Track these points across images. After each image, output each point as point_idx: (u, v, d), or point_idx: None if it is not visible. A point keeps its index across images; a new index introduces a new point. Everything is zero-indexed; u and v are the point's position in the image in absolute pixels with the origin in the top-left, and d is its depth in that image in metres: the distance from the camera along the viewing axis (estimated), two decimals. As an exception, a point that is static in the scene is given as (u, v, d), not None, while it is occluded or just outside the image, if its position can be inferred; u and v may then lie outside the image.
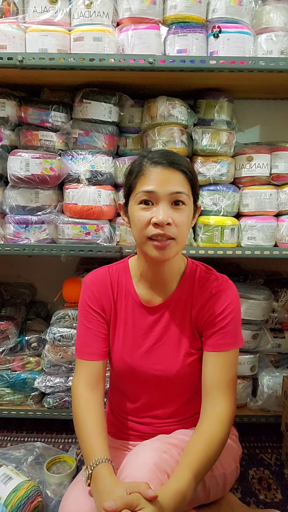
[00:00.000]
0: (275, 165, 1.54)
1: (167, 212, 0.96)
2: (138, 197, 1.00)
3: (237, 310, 1.08)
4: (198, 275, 1.10)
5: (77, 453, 1.56)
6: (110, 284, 1.13)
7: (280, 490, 1.41)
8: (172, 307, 1.10)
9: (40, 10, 1.39)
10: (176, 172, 0.98)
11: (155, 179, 0.97)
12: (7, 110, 1.50)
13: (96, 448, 0.96)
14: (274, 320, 1.73)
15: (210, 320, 1.06)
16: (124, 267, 1.15)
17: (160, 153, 1.01)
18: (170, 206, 0.98)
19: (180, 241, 1.01)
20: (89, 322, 1.12)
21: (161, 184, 0.97)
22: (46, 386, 1.62)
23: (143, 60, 1.33)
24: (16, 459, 1.45)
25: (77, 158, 1.49)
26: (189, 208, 1.02)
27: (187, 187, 1.00)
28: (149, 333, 1.10)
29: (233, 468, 1.12)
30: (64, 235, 1.50)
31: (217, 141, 1.51)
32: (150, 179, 0.98)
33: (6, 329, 1.62)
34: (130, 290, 1.12)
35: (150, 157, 1.00)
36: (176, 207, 0.98)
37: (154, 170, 0.98)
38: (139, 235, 1.00)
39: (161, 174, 0.97)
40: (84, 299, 1.14)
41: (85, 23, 1.39)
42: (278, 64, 1.35)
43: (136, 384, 1.13)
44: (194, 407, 1.14)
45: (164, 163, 0.98)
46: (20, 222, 1.48)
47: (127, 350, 1.11)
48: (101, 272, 1.15)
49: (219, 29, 1.38)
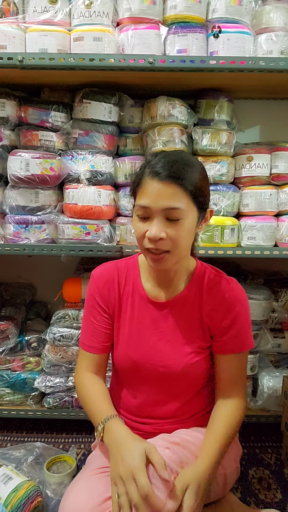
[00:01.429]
0: (275, 165, 1.54)
1: (160, 228, 0.95)
2: (136, 208, 1.00)
3: (248, 313, 1.11)
4: (208, 277, 1.11)
5: (77, 453, 1.56)
6: (117, 279, 1.14)
7: (280, 490, 1.41)
8: (179, 306, 1.11)
9: (40, 10, 1.39)
10: (172, 185, 0.94)
11: (150, 193, 0.96)
12: (7, 110, 1.50)
13: (105, 409, 1.04)
14: (274, 320, 1.73)
15: (222, 324, 1.08)
16: (133, 263, 1.17)
17: (162, 162, 0.97)
18: (165, 220, 0.96)
19: (177, 253, 1.00)
20: (93, 316, 1.14)
21: (156, 199, 0.95)
22: (46, 386, 1.62)
23: (143, 60, 1.33)
24: (16, 459, 1.45)
25: (77, 158, 1.49)
26: (189, 220, 0.98)
27: (185, 200, 0.96)
28: (155, 329, 1.11)
29: (233, 468, 1.12)
30: (64, 235, 1.50)
31: (217, 141, 1.51)
32: (146, 193, 0.96)
33: (6, 329, 1.62)
34: (138, 286, 1.13)
35: (152, 166, 0.97)
36: (172, 222, 0.96)
37: (151, 183, 0.96)
38: (139, 244, 1.02)
39: (157, 188, 0.95)
40: (90, 293, 1.16)
41: (85, 23, 1.39)
42: (278, 64, 1.35)
43: (139, 381, 1.13)
44: (195, 407, 1.15)
45: (161, 176, 0.95)
46: (20, 222, 1.48)
47: (132, 345, 1.11)
48: (108, 267, 1.16)
49: (219, 29, 1.38)
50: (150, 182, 0.96)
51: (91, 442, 1.64)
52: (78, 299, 1.67)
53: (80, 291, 1.65)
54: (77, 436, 1.69)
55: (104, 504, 0.93)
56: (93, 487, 0.98)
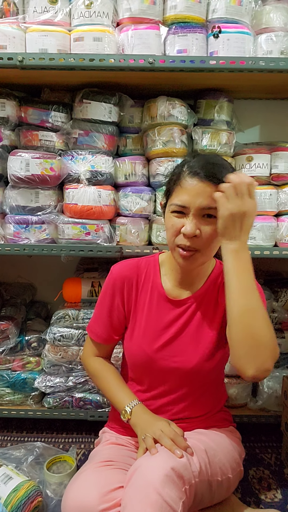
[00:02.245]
0: (275, 165, 1.55)
1: (196, 225, 0.99)
2: (172, 205, 1.03)
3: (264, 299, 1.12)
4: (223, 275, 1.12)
5: (77, 452, 1.56)
6: (136, 276, 1.16)
7: (280, 490, 1.41)
8: (197, 304, 1.13)
9: (40, 10, 1.39)
10: (211, 185, 0.98)
11: (189, 191, 0.99)
12: (7, 110, 1.50)
13: (127, 393, 1.13)
14: (274, 320, 1.73)
15: None
16: (154, 262, 1.19)
17: (202, 162, 1.01)
18: (201, 218, 1.00)
19: (207, 253, 1.04)
20: (106, 308, 1.18)
21: (194, 197, 0.98)
22: (46, 386, 1.62)
23: (143, 60, 1.34)
24: (16, 459, 1.44)
25: (77, 158, 1.49)
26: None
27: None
28: (171, 326, 1.13)
29: (237, 471, 1.13)
30: (64, 235, 1.50)
31: (217, 141, 1.51)
32: (184, 191, 1.00)
33: (6, 329, 1.62)
34: (157, 284, 1.15)
35: (191, 166, 1.01)
36: (208, 219, 1.00)
37: (190, 182, 0.99)
38: (170, 240, 1.05)
39: (196, 187, 0.99)
40: (107, 286, 1.18)
41: (85, 23, 1.39)
42: (278, 64, 1.35)
43: (151, 375, 1.14)
44: (204, 407, 1.15)
45: (200, 175, 0.99)
46: (20, 222, 1.48)
47: (147, 339, 1.13)
48: (129, 263, 1.19)
49: (219, 29, 1.38)
50: (189, 181, 0.99)
51: (91, 442, 1.64)
52: (78, 299, 1.67)
53: (80, 291, 1.65)
54: (77, 436, 1.69)
55: (109, 495, 0.93)
56: (98, 478, 0.98)
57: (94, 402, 1.62)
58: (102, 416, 1.61)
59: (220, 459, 1.05)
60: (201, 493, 1.00)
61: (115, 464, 1.04)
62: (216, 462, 1.03)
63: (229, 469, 1.08)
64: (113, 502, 0.92)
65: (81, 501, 0.93)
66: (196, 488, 0.96)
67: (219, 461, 1.05)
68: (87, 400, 1.62)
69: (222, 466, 1.05)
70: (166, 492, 0.86)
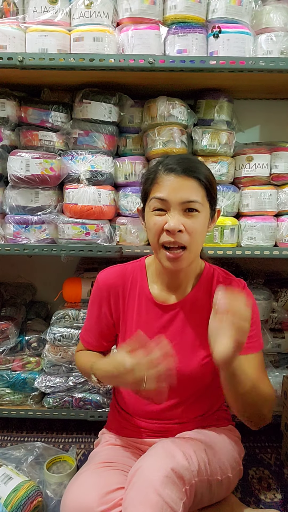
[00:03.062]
0: (275, 165, 1.55)
1: (179, 219, 0.97)
2: (152, 203, 1.01)
3: (257, 315, 1.10)
4: (217, 279, 1.11)
5: (77, 453, 1.56)
6: (122, 283, 1.14)
7: (280, 490, 1.41)
8: (188, 308, 1.10)
9: (40, 10, 1.39)
10: (189, 179, 0.98)
11: (167, 186, 0.98)
12: (7, 110, 1.50)
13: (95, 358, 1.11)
14: (274, 320, 1.73)
15: None
16: (140, 266, 1.17)
17: (176, 159, 1.01)
18: (183, 213, 0.99)
19: (193, 249, 1.01)
20: (96, 316, 1.16)
21: (173, 191, 0.97)
22: (46, 386, 1.62)
23: (143, 60, 1.34)
24: (16, 459, 1.44)
25: (77, 158, 1.49)
26: (204, 214, 1.01)
27: (201, 194, 1.00)
28: (163, 332, 1.10)
29: (237, 470, 1.12)
30: (64, 235, 1.50)
31: (217, 141, 1.51)
32: (163, 186, 0.99)
33: (6, 329, 1.62)
34: (145, 290, 1.13)
35: (165, 164, 1.00)
36: (190, 214, 0.99)
37: (167, 178, 0.99)
38: (153, 241, 1.03)
39: (174, 181, 0.98)
40: (95, 294, 1.17)
41: (85, 23, 1.39)
42: (278, 64, 1.35)
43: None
44: (202, 408, 1.15)
45: (177, 170, 0.98)
46: (20, 222, 1.48)
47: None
48: (115, 270, 1.17)
49: (219, 29, 1.38)
50: (166, 177, 0.98)
51: (91, 442, 1.64)
52: (78, 299, 1.67)
53: (80, 291, 1.65)
54: (77, 436, 1.69)
55: (108, 496, 0.93)
56: (97, 479, 0.98)
57: (94, 402, 1.62)
58: (102, 416, 1.61)
59: (219, 458, 1.05)
60: (200, 492, 1.00)
61: (114, 465, 1.04)
62: (215, 461, 1.03)
63: (229, 468, 1.08)
64: (112, 503, 0.92)
65: (80, 502, 0.94)
66: (196, 487, 0.96)
67: (219, 460, 1.05)
68: (87, 400, 1.62)
69: (222, 465, 1.05)
70: (166, 493, 0.87)
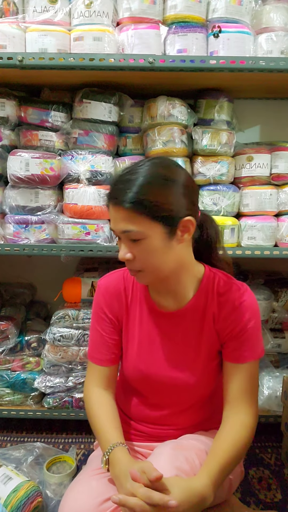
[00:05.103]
0: (275, 165, 1.54)
1: (125, 250, 0.95)
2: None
3: (259, 320, 1.06)
4: (217, 283, 1.07)
5: (77, 453, 1.56)
6: (124, 289, 1.11)
7: (280, 490, 1.41)
8: (190, 315, 1.07)
9: (40, 10, 1.39)
10: (121, 209, 0.91)
11: (111, 216, 0.96)
12: (7, 110, 1.50)
13: (110, 435, 1.00)
14: (274, 320, 1.73)
15: (233, 332, 1.03)
16: None
17: (114, 183, 0.95)
18: (130, 241, 0.95)
19: (151, 271, 0.97)
20: (101, 327, 1.11)
21: (113, 222, 0.95)
22: (46, 386, 1.62)
23: (143, 60, 1.33)
24: (16, 459, 1.44)
25: (77, 158, 1.49)
26: (152, 239, 0.93)
27: (139, 220, 0.91)
28: (165, 340, 1.08)
29: (238, 472, 1.12)
30: (64, 235, 1.50)
31: (217, 141, 1.51)
32: (110, 216, 0.97)
33: (6, 329, 1.62)
34: (145, 296, 1.10)
35: (110, 187, 0.97)
36: (135, 243, 0.94)
37: (110, 207, 0.96)
38: None
39: (112, 211, 0.95)
40: (97, 304, 1.12)
41: (85, 23, 1.39)
42: (278, 64, 1.35)
43: (148, 390, 1.11)
44: (205, 414, 1.13)
45: (111, 200, 0.94)
46: (20, 222, 1.48)
47: (143, 358, 1.08)
48: (115, 276, 1.13)
49: (219, 29, 1.38)
50: (109, 206, 0.96)
51: (91, 443, 1.64)
52: (78, 299, 1.67)
53: (80, 291, 1.65)
54: (77, 436, 1.69)
55: (104, 505, 0.93)
56: (93, 487, 0.98)
57: (94, 402, 1.62)
58: (102, 416, 1.61)
59: None
60: None
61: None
62: None
63: None
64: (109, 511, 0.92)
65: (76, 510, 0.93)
66: None
67: None
68: (87, 400, 1.62)
69: None
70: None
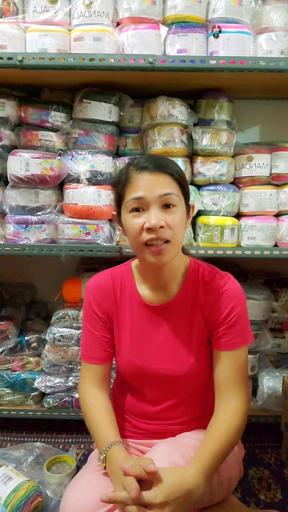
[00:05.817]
0: (275, 165, 1.54)
1: (159, 215, 0.96)
2: (128, 205, 1.00)
3: (245, 307, 1.09)
4: (202, 274, 1.10)
5: (77, 453, 1.56)
6: (112, 288, 1.13)
7: (280, 490, 1.41)
8: (178, 307, 1.10)
9: (40, 10, 1.39)
10: (162, 174, 0.98)
11: (142, 185, 0.97)
12: (7, 110, 1.50)
13: (107, 434, 1.02)
14: (274, 320, 1.73)
15: (220, 320, 1.06)
16: (127, 270, 1.16)
17: (145, 158, 1.01)
18: (161, 209, 0.98)
19: (176, 243, 1.00)
20: (92, 327, 1.13)
21: (149, 189, 0.97)
22: (46, 386, 1.62)
23: (143, 60, 1.33)
24: (16, 459, 1.45)
25: (77, 158, 1.49)
26: (181, 209, 1.01)
27: (176, 188, 0.99)
28: (156, 333, 1.10)
29: (237, 471, 1.12)
30: (64, 235, 1.50)
31: (217, 141, 1.51)
32: (137, 185, 0.98)
33: (6, 329, 1.62)
34: (134, 292, 1.12)
35: (136, 164, 1.00)
36: (168, 210, 0.98)
37: (141, 177, 0.98)
38: (135, 242, 1.01)
39: (148, 179, 0.97)
40: (88, 304, 1.14)
41: (85, 23, 1.39)
42: (278, 64, 1.35)
43: (144, 384, 1.13)
44: (202, 407, 1.15)
45: (149, 168, 0.97)
46: (20, 222, 1.48)
47: (135, 352, 1.10)
48: (104, 276, 1.15)
49: (219, 29, 1.38)
50: (139, 176, 0.98)
51: (91, 442, 1.64)
52: (78, 299, 1.67)
53: (80, 291, 1.65)
54: (77, 436, 1.69)
55: None
56: (95, 484, 0.99)
57: (94, 402, 1.62)
58: (102, 416, 1.61)
59: None
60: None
61: None
62: None
63: (229, 468, 1.08)
64: (109, 507, 0.93)
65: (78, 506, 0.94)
66: None
67: None
68: (87, 400, 1.62)
69: (222, 465, 1.05)
70: None
